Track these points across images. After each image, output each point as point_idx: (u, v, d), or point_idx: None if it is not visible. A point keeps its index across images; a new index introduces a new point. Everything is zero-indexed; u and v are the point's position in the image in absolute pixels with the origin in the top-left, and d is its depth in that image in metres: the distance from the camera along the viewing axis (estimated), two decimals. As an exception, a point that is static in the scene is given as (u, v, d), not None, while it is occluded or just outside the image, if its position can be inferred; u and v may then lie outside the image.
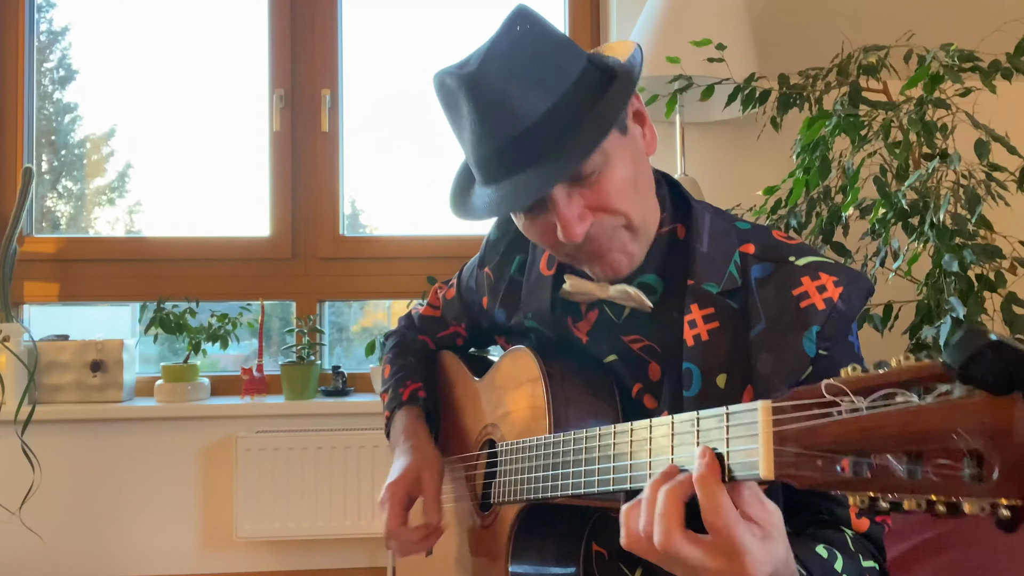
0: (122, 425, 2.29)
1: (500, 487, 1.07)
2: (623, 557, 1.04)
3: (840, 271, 0.97)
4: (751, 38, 2.11)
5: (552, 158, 0.90)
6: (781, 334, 0.95)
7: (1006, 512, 0.50)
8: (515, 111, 0.89)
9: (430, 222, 2.61)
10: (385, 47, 2.65)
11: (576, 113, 0.91)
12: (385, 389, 1.36)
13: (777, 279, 0.98)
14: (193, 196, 2.60)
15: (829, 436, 0.60)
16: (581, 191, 0.93)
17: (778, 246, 1.01)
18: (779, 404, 0.64)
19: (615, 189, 0.94)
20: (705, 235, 1.02)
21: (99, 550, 2.28)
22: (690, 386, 0.97)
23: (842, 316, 0.95)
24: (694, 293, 0.99)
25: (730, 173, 2.32)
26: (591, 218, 0.94)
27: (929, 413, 0.53)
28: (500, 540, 1.05)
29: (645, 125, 1.01)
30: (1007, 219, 1.74)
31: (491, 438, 1.15)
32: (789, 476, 0.63)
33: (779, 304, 0.96)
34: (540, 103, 0.90)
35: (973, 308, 1.57)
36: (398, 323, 1.47)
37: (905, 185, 1.70)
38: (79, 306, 2.52)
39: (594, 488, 0.87)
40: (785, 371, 0.94)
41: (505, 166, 0.92)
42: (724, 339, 0.97)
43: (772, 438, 0.64)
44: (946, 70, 1.65)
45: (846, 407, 0.59)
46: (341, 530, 2.26)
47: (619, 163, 0.94)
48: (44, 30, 2.59)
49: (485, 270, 1.24)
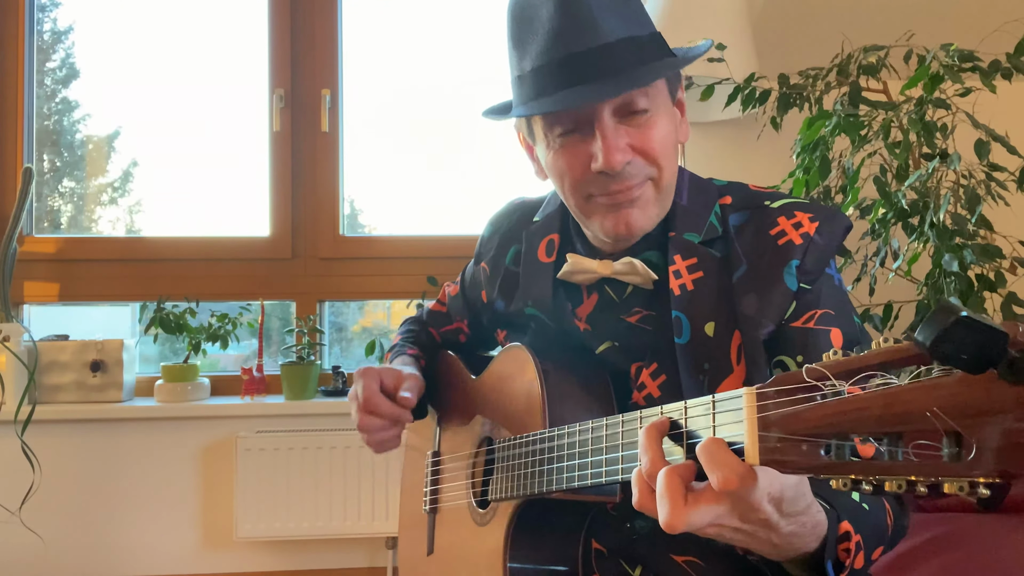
0: (122, 425, 2.29)
1: (497, 484, 1.07)
2: (623, 554, 1.04)
3: (815, 208, 1.00)
4: (751, 38, 2.11)
5: (615, 77, 0.94)
6: (763, 273, 0.97)
7: (985, 491, 0.50)
8: (598, 26, 0.94)
9: (430, 222, 2.61)
10: (385, 47, 2.65)
11: (645, 54, 0.96)
12: (390, 349, 1.41)
13: (754, 222, 1.01)
14: (194, 196, 2.60)
15: (812, 420, 0.60)
16: (628, 129, 0.96)
17: (754, 195, 1.05)
18: (763, 390, 0.65)
19: (659, 138, 0.97)
20: (685, 190, 1.06)
21: (99, 550, 2.28)
22: (681, 334, 0.99)
23: (820, 249, 0.97)
24: (676, 244, 1.01)
25: (730, 173, 2.30)
26: (631, 155, 0.96)
27: (906, 394, 0.53)
28: (498, 537, 1.05)
29: (683, 114, 1.06)
30: (1007, 219, 1.73)
31: (489, 435, 1.16)
32: (775, 461, 0.63)
33: (758, 245, 0.99)
34: (621, 29, 0.95)
35: (973, 308, 1.57)
36: (416, 312, 1.52)
37: (905, 185, 1.70)
38: (79, 306, 2.52)
39: (587, 481, 0.87)
40: (770, 309, 0.96)
41: (569, 75, 0.94)
42: (709, 287, 0.99)
43: (757, 424, 0.64)
44: (946, 70, 1.65)
45: (828, 391, 0.59)
46: (341, 530, 2.26)
47: (667, 121, 0.99)
48: (48, 29, 2.59)
49: (481, 265, 1.26)
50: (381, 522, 2.26)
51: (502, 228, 1.23)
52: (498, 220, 1.26)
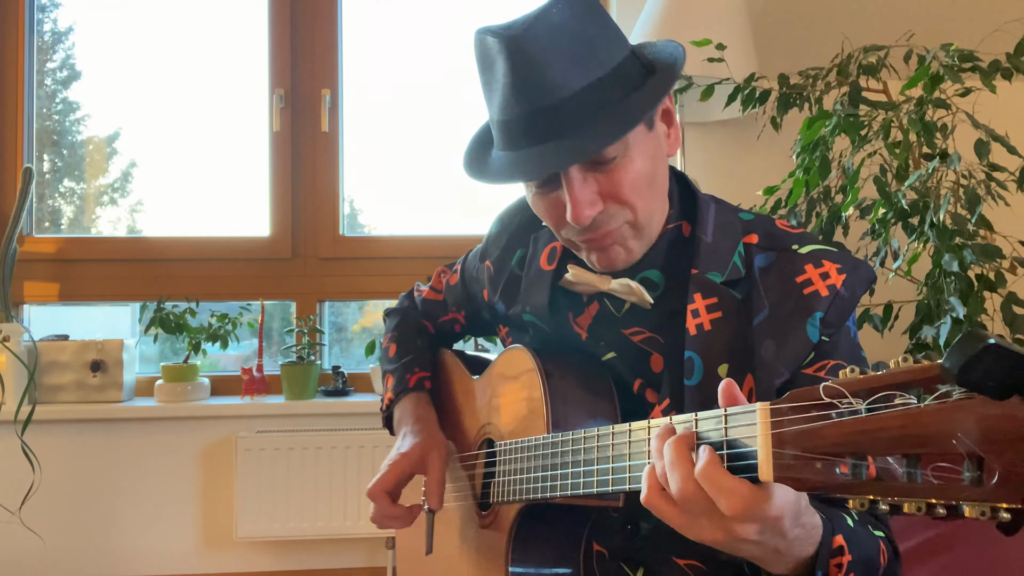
0: (122, 425, 2.29)
1: (499, 487, 1.07)
2: (624, 556, 1.04)
3: (843, 259, 0.98)
4: (751, 38, 2.11)
5: (576, 137, 0.90)
6: (784, 320, 0.95)
7: (1006, 515, 0.50)
8: (551, 82, 0.90)
9: (430, 222, 2.61)
10: (385, 47, 2.65)
11: (608, 99, 0.91)
12: (391, 370, 1.34)
13: (780, 267, 0.98)
14: (194, 196, 2.60)
15: (828, 438, 0.59)
16: (597, 176, 0.93)
17: (781, 235, 1.02)
18: (777, 406, 0.64)
19: (630, 181, 0.94)
20: (710, 226, 1.02)
21: (99, 550, 2.28)
22: (691, 375, 0.97)
23: (844, 303, 0.96)
24: (698, 282, 0.99)
25: (730, 173, 2.32)
26: (601, 205, 0.94)
27: (928, 416, 0.53)
28: (500, 540, 1.05)
29: (671, 125, 1.02)
30: (1007, 219, 1.73)
31: (489, 437, 1.15)
32: (788, 479, 0.62)
33: (782, 291, 0.97)
34: (576, 80, 0.90)
35: (973, 308, 1.57)
36: (400, 301, 1.46)
37: (905, 185, 1.70)
38: (79, 306, 2.52)
39: (593, 489, 0.87)
40: (788, 356, 0.95)
41: (529, 134, 0.92)
42: (726, 329, 0.97)
43: (771, 440, 0.63)
44: (946, 70, 1.65)
45: (845, 409, 0.59)
46: (341, 530, 2.26)
47: (639, 157, 0.95)
48: (48, 30, 2.60)
49: (486, 263, 1.24)
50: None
51: (511, 227, 1.21)
52: (508, 217, 1.23)
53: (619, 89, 0.92)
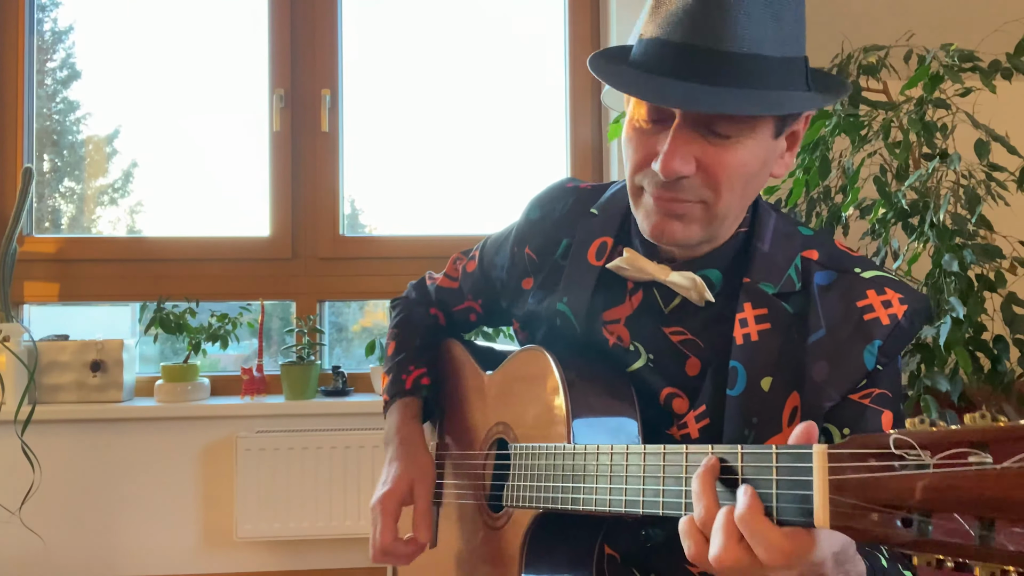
0: (122, 425, 2.29)
1: (513, 490, 1.05)
2: (636, 562, 1.03)
3: (905, 289, 0.96)
4: (751, 38, 2.10)
5: (722, 89, 0.86)
6: (842, 344, 0.93)
7: None
8: (728, 29, 0.86)
9: (430, 222, 2.61)
10: (385, 47, 2.65)
11: (775, 79, 0.88)
12: (387, 370, 1.32)
13: (841, 288, 0.96)
14: (194, 196, 2.60)
15: (891, 490, 0.56)
16: (706, 144, 0.89)
17: (843, 256, 1.00)
18: (835, 451, 0.61)
19: (731, 168, 0.90)
20: (768, 235, 1.00)
21: (99, 550, 2.27)
22: (734, 385, 0.95)
23: (903, 333, 0.94)
24: (749, 291, 0.97)
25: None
26: (693, 169, 0.90)
27: (1008, 479, 0.50)
28: (513, 544, 1.04)
29: (791, 149, 0.98)
30: (1007, 219, 1.73)
31: (502, 437, 1.13)
32: (846, 528, 0.60)
33: (842, 313, 0.95)
34: (754, 42, 0.86)
35: (973, 308, 1.57)
36: (408, 289, 1.42)
37: (905, 185, 1.70)
38: (79, 306, 2.52)
39: (621, 508, 0.85)
40: (841, 380, 0.93)
41: (681, 66, 0.87)
42: (774, 341, 0.95)
43: (829, 486, 0.60)
44: (946, 70, 1.65)
45: (911, 461, 0.56)
46: (341, 530, 2.26)
47: (752, 152, 0.91)
48: (48, 29, 2.59)
49: (526, 250, 1.17)
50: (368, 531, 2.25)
51: (554, 214, 1.15)
52: (550, 203, 1.16)
53: (779, 78, 0.89)
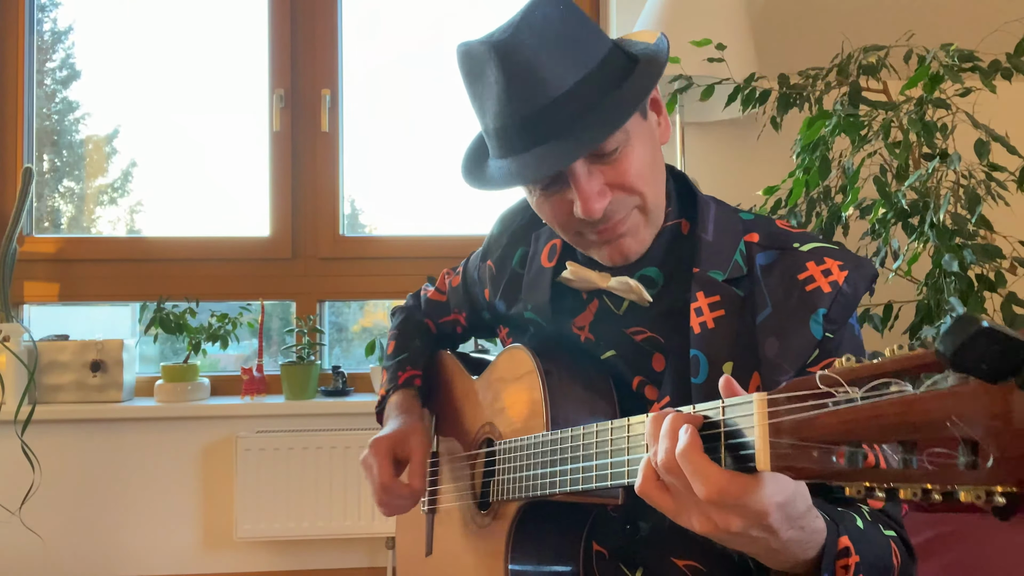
0: (122, 425, 2.29)
1: (499, 485, 1.07)
2: (623, 557, 1.04)
3: (845, 256, 0.98)
4: (751, 38, 2.11)
5: (576, 132, 0.90)
6: (787, 318, 0.96)
7: (1001, 499, 0.50)
8: (544, 81, 0.90)
9: (430, 222, 2.61)
10: (385, 47, 2.65)
11: (603, 90, 0.92)
12: (387, 367, 1.38)
13: (782, 265, 0.99)
14: (194, 196, 2.60)
15: (824, 427, 0.59)
16: (601, 168, 0.94)
17: (782, 234, 1.02)
18: (774, 396, 0.64)
19: (635, 168, 0.95)
20: (710, 225, 1.03)
21: (99, 550, 2.28)
22: (697, 373, 0.97)
23: (847, 299, 0.96)
24: (700, 281, 0.99)
25: (730, 173, 2.32)
26: (610, 195, 0.94)
27: (923, 402, 0.53)
28: (499, 538, 1.05)
29: (660, 114, 1.03)
30: (1007, 219, 1.73)
31: (489, 436, 1.15)
32: (786, 468, 0.63)
33: (784, 289, 0.97)
34: (569, 76, 0.91)
35: (973, 308, 1.57)
36: (407, 300, 1.48)
37: (905, 185, 1.70)
38: (79, 306, 2.52)
39: (592, 483, 0.87)
40: (792, 354, 0.95)
41: (527, 137, 0.92)
42: (730, 327, 0.97)
43: (768, 430, 0.64)
44: (946, 70, 1.65)
45: (841, 398, 0.59)
46: (341, 530, 2.26)
47: (639, 144, 0.95)
48: (48, 29, 2.59)
49: (488, 263, 1.25)
50: (381, 522, 2.25)
51: (512, 226, 1.22)
52: (509, 217, 1.24)
53: (610, 80, 0.93)
